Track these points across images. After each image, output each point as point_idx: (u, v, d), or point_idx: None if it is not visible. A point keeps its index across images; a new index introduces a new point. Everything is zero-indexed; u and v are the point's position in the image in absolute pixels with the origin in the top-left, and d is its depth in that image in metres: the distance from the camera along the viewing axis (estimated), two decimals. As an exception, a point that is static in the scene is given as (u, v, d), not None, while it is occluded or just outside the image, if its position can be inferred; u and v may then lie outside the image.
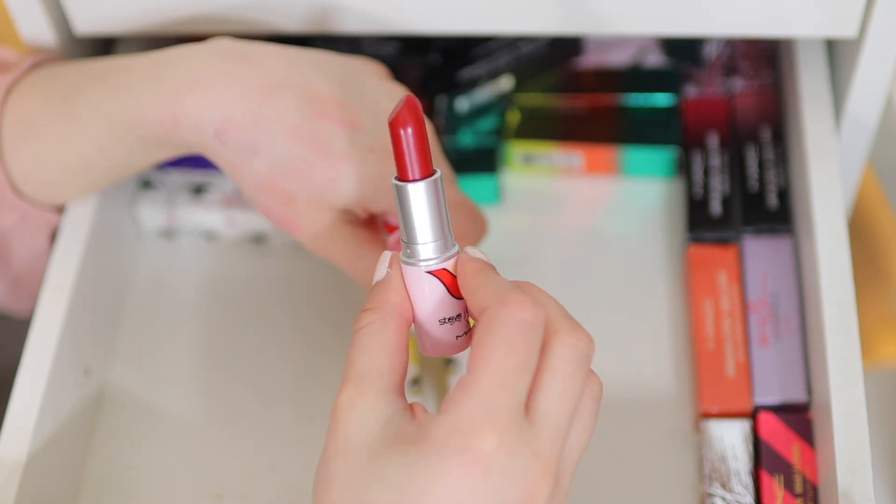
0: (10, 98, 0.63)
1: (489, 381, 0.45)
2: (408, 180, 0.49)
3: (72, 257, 0.67)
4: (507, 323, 0.46)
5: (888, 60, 0.65)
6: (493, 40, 0.75)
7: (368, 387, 0.48)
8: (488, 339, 0.46)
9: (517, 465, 0.45)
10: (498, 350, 0.46)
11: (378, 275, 0.51)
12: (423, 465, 0.45)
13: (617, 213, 0.74)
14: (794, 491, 0.60)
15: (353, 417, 0.47)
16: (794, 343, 0.65)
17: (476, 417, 0.45)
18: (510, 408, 0.45)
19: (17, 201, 0.64)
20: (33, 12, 0.66)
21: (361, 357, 0.49)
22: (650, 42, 0.78)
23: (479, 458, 0.44)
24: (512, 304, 0.46)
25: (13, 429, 0.61)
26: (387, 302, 0.50)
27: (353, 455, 0.47)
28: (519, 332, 0.46)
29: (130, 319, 0.72)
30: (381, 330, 0.49)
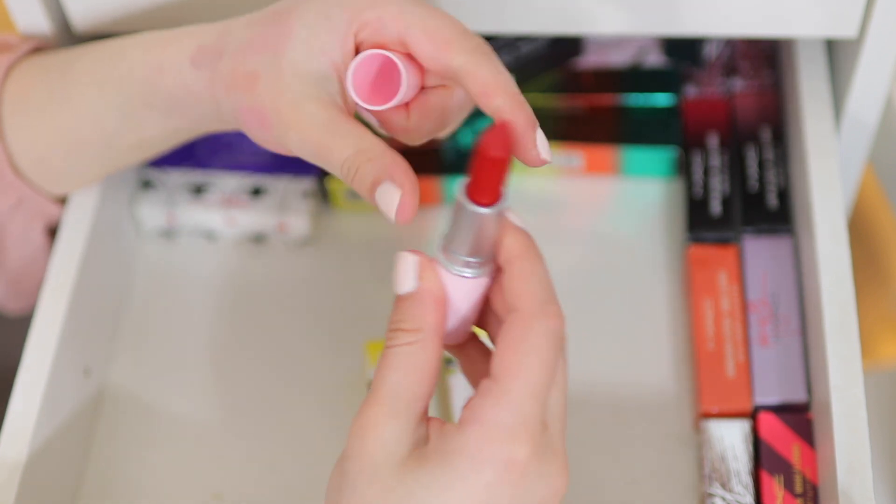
0: (11, 77, 0.63)
1: (523, 391, 0.45)
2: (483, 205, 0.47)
3: (72, 257, 0.67)
4: (543, 335, 0.46)
5: (888, 60, 0.65)
6: (493, 40, 0.75)
7: (400, 412, 0.47)
8: (523, 349, 0.46)
9: (544, 467, 0.46)
10: (532, 361, 0.46)
11: (406, 285, 0.49)
12: (456, 478, 0.45)
13: (617, 213, 0.74)
14: (794, 491, 0.60)
15: (380, 439, 0.46)
16: (794, 343, 0.65)
17: (511, 427, 0.45)
18: (539, 416, 0.46)
19: (15, 181, 0.64)
20: (31, 7, 0.66)
21: (394, 378, 0.47)
22: (650, 42, 0.78)
23: (515, 466, 0.45)
24: (550, 316, 0.47)
25: (13, 429, 0.61)
26: (425, 324, 0.48)
27: (381, 477, 0.46)
28: (552, 346, 0.46)
29: (130, 319, 0.72)
30: (419, 353, 0.47)
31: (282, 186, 0.74)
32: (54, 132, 0.62)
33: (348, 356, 0.69)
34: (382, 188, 0.50)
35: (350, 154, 0.51)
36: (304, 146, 0.53)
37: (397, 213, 0.49)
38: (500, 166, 0.45)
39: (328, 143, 0.52)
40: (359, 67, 0.53)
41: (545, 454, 0.46)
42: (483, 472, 0.45)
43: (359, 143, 0.51)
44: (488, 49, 0.52)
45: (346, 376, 0.68)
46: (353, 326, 0.70)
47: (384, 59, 0.53)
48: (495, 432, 0.45)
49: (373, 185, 0.50)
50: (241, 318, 0.71)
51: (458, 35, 0.52)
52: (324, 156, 0.52)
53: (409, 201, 0.49)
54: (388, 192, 0.50)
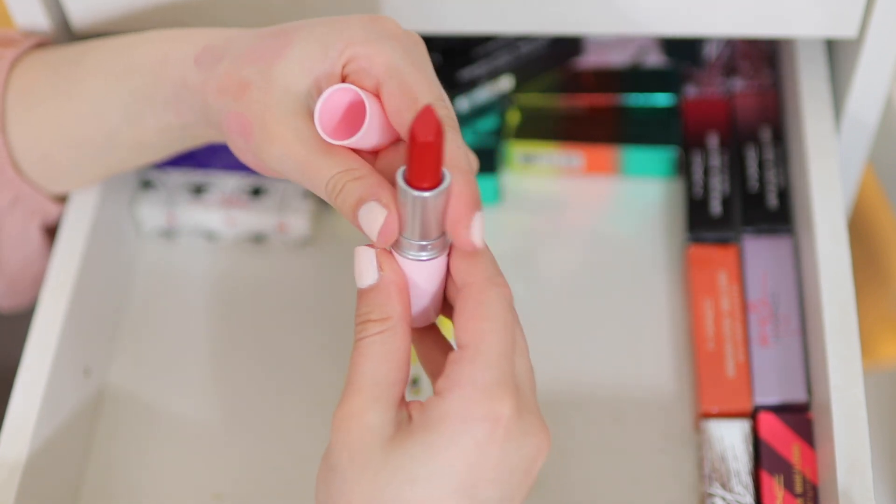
0: (15, 71, 0.63)
1: (493, 351, 0.47)
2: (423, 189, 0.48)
3: (72, 257, 0.67)
4: (498, 300, 0.48)
5: (888, 60, 0.65)
6: (493, 40, 0.75)
7: (379, 398, 0.48)
8: (483, 314, 0.48)
9: (526, 423, 0.47)
10: (495, 325, 0.48)
11: (368, 278, 0.50)
12: (445, 442, 0.46)
13: (617, 213, 0.74)
14: (794, 491, 0.60)
15: (364, 426, 0.47)
16: (794, 343, 0.65)
17: (490, 384, 0.47)
18: (512, 374, 0.48)
19: (15, 178, 0.64)
20: (30, 6, 0.66)
21: (369, 367, 0.48)
22: (650, 42, 0.78)
23: (500, 421, 0.46)
24: (500, 285, 0.49)
25: (13, 429, 0.61)
26: (392, 312, 0.49)
27: (369, 460, 0.47)
28: (507, 307, 0.49)
29: (130, 319, 0.72)
30: (390, 341, 0.49)
31: (282, 186, 0.74)
32: (57, 128, 0.62)
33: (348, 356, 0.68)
34: (367, 206, 0.50)
35: (337, 172, 0.52)
36: (286, 161, 0.53)
37: (380, 232, 0.50)
38: (433, 150, 0.46)
39: (314, 160, 0.52)
40: (331, 100, 0.52)
41: (524, 412, 0.47)
42: (471, 432, 0.46)
43: (346, 161, 0.52)
44: (454, 123, 0.52)
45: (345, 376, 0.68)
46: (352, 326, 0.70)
47: (357, 96, 0.53)
48: (477, 392, 0.46)
49: (357, 203, 0.50)
50: (241, 318, 0.71)
51: (428, 99, 0.52)
52: (308, 172, 0.53)
53: (392, 222, 0.50)
54: (373, 210, 0.50)
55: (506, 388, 0.47)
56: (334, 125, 0.53)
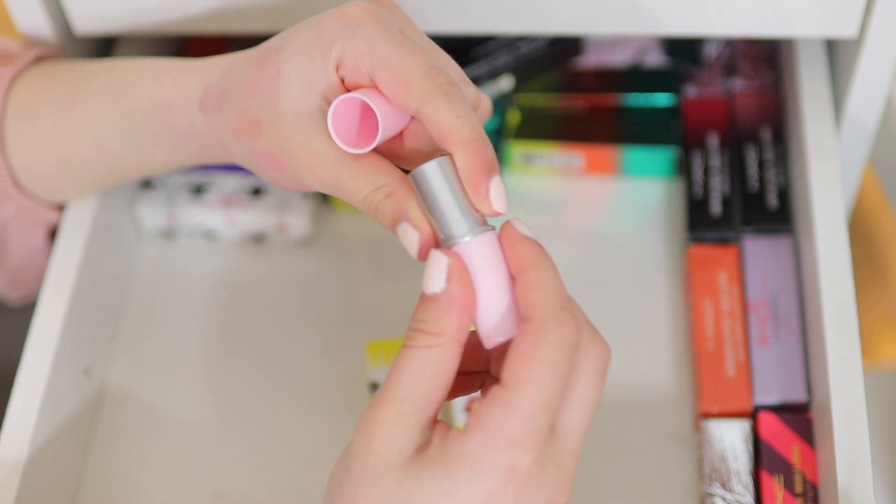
0: (14, 89, 0.63)
1: (532, 401, 0.45)
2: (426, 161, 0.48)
3: (72, 257, 0.67)
4: (556, 344, 0.46)
5: (888, 60, 0.65)
6: (493, 40, 0.75)
7: (409, 415, 0.46)
8: (535, 357, 0.46)
9: (545, 477, 0.46)
10: (544, 371, 0.45)
11: (434, 285, 0.47)
12: (458, 483, 0.45)
13: (617, 213, 0.74)
14: (794, 491, 0.60)
15: (386, 440, 0.46)
16: (794, 343, 0.65)
17: (516, 435, 0.45)
18: (546, 426, 0.46)
19: (16, 193, 0.64)
20: (33, 11, 0.66)
21: (408, 380, 0.47)
22: (650, 42, 0.78)
23: (517, 474, 0.45)
24: (564, 324, 0.46)
25: (13, 429, 0.61)
26: (448, 328, 0.47)
27: (383, 478, 0.46)
28: (566, 355, 0.46)
29: (130, 319, 0.72)
30: (438, 358, 0.47)
31: (282, 186, 0.74)
32: (57, 149, 0.62)
33: (348, 356, 0.69)
34: (402, 227, 0.50)
35: (368, 192, 0.51)
36: (323, 185, 0.53)
37: (418, 253, 0.49)
38: None
39: (344, 181, 0.52)
40: (338, 111, 0.52)
41: (548, 466, 0.46)
42: (485, 480, 0.45)
43: (374, 178, 0.51)
44: (449, 88, 0.50)
45: (345, 376, 0.68)
46: (353, 326, 0.70)
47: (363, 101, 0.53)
48: (500, 440, 0.45)
49: (393, 222, 0.50)
50: (241, 318, 0.71)
51: (418, 76, 0.50)
52: (343, 193, 0.52)
53: (426, 241, 0.49)
54: (407, 232, 0.50)
55: (532, 440, 0.45)
56: (354, 130, 0.53)
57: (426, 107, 0.50)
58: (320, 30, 0.53)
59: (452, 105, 0.50)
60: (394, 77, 0.51)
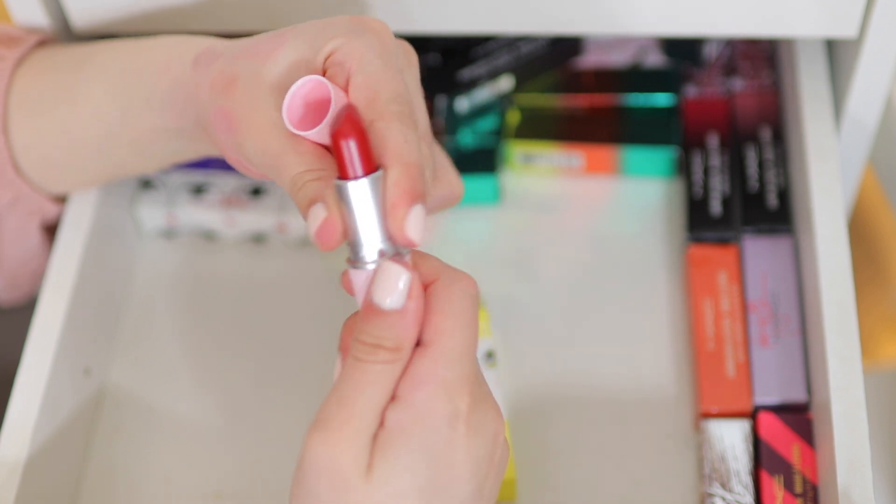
0: (19, 72, 0.63)
1: (457, 349, 0.48)
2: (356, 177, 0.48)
3: (72, 257, 0.67)
4: (464, 296, 0.49)
5: (888, 60, 0.65)
6: (493, 40, 0.76)
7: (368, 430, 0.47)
8: (448, 311, 0.48)
9: (482, 413, 0.49)
10: (459, 322, 0.48)
11: (393, 300, 0.48)
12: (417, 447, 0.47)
13: (617, 213, 0.74)
14: (794, 491, 0.60)
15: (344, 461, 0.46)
16: (794, 343, 0.65)
17: (452, 382, 0.47)
18: (474, 368, 0.49)
19: (15, 178, 0.64)
20: (30, 6, 0.66)
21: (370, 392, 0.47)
22: (650, 42, 0.78)
23: (460, 416, 0.47)
24: (463, 278, 0.49)
25: (13, 429, 0.61)
26: (408, 345, 0.48)
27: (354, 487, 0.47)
28: (473, 305, 0.49)
29: (130, 319, 0.72)
30: (396, 372, 0.48)
31: (282, 186, 0.74)
32: (58, 130, 0.62)
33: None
34: (315, 206, 0.49)
35: (300, 170, 0.51)
36: (262, 157, 0.53)
37: (316, 232, 0.49)
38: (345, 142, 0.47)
39: (284, 156, 0.51)
40: (305, 92, 0.52)
41: (480, 401, 0.49)
42: (437, 432, 0.47)
43: (312, 161, 0.51)
44: (409, 119, 0.50)
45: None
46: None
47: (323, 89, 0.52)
48: (439, 390, 0.47)
49: (310, 202, 0.49)
50: (241, 318, 0.71)
51: (387, 95, 0.51)
52: (277, 168, 0.52)
53: (331, 223, 0.48)
54: (318, 211, 0.49)
55: (467, 382, 0.48)
56: (303, 117, 0.53)
57: (381, 121, 0.50)
58: (331, 24, 0.54)
59: (406, 131, 0.50)
60: (367, 87, 0.51)
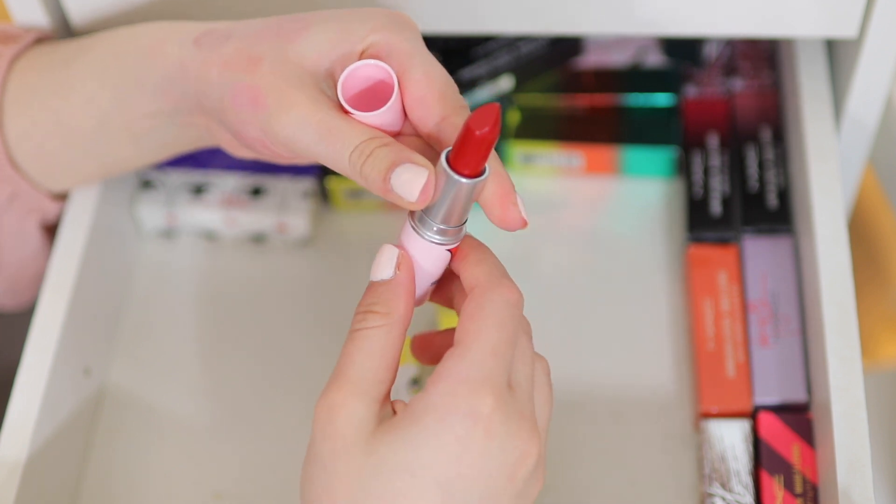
0: (15, 67, 0.64)
1: (482, 350, 0.47)
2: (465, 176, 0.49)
3: (72, 257, 0.67)
4: (497, 301, 0.49)
5: (888, 60, 0.65)
6: (493, 40, 0.76)
7: (365, 392, 0.48)
8: (479, 314, 0.48)
9: (512, 425, 0.47)
10: (490, 324, 0.48)
11: (383, 272, 0.51)
12: (427, 435, 0.46)
13: (617, 213, 0.74)
14: (794, 491, 0.60)
15: (349, 418, 0.47)
16: (794, 343, 0.65)
17: (473, 380, 0.47)
18: (502, 375, 0.48)
19: (12, 174, 0.64)
20: (29, 4, 0.66)
21: (361, 360, 0.49)
22: (650, 42, 0.78)
23: (480, 417, 0.46)
24: (505, 287, 0.49)
25: (13, 429, 0.61)
26: (396, 309, 0.50)
27: (352, 453, 0.47)
28: (510, 312, 0.49)
29: (130, 319, 0.72)
30: (386, 337, 0.49)
31: (282, 186, 0.74)
32: (52, 121, 0.62)
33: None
34: (402, 168, 0.49)
35: (364, 139, 0.51)
36: (304, 127, 0.52)
37: (422, 192, 0.49)
38: (486, 143, 0.47)
39: (336, 124, 0.51)
40: (354, 76, 0.52)
41: (511, 414, 0.47)
42: (450, 427, 0.46)
43: (370, 131, 0.51)
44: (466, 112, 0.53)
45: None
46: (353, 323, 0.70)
47: (378, 75, 0.53)
48: (457, 386, 0.47)
49: (390, 167, 0.50)
50: (241, 318, 0.71)
51: (453, 91, 0.53)
52: (331, 137, 0.51)
53: (431, 184, 0.49)
54: (409, 171, 0.49)
55: (490, 385, 0.47)
56: (355, 98, 0.53)
57: (457, 118, 0.52)
58: (368, 15, 0.54)
59: None
60: (432, 82, 0.52)
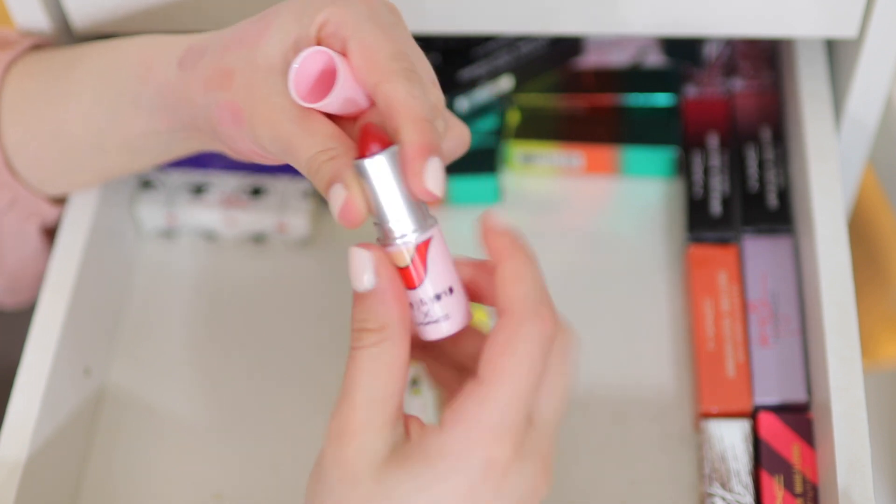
0: (10, 74, 0.63)
1: (509, 394, 0.46)
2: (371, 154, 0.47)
3: (72, 257, 0.67)
4: (533, 338, 0.46)
5: (888, 60, 0.65)
6: (493, 40, 0.76)
7: (377, 416, 0.47)
8: (510, 352, 0.46)
9: (527, 469, 0.46)
10: (521, 365, 0.46)
11: (364, 283, 0.48)
12: (437, 479, 0.45)
13: (617, 213, 0.74)
14: (794, 491, 0.60)
15: (359, 446, 0.46)
16: (794, 343, 0.65)
17: (494, 429, 0.45)
18: (524, 419, 0.46)
19: (11, 180, 0.64)
20: (31, 8, 0.66)
21: (365, 380, 0.47)
22: (650, 42, 0.78)
23: (496, 467, 0.45)
24: (541, 320, 0.46)
25: (13, 429, 0.61)
26: (389, 321, 0.48)
27: (361, 482, 0.46)
28: (543, 349, 0.46)
29: (130, 319, 0.72)
30: (387, 352, 0.47)
31: (282, 186, 0.74)
32: (48, 131, 0.62)
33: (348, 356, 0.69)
34: (334, 188, 0.48)
35: (315, 152, 0.50)
36: (275, 142, 0.52)
37: (339, 212, 0.48)
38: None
39: (297, 139, 0.51)
40: (308, 65, 0.52)
41: (527, 455, 0.46)
42: (464, 474, 0.45)
43: (324, 140, 0.50)
44: (411, 74, 0.50)
45: (346, 376, 0.68)
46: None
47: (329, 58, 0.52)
48: (478, 433, 0.45)
49: (329, 182, 0.49)
50: (241, 318, 0.71)
51: (385, 55, 0.50)
52: (291, 152, 0.51)
53: (353, 202, 0.48)
54: (338, 192, 0.48)
55: (510, 431, 0.46)
56: (310, 90, 0.52)
57: (386, 83, 0.49)
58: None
59: (410, 87, 0.49)
60: (364, 51, 0.50)
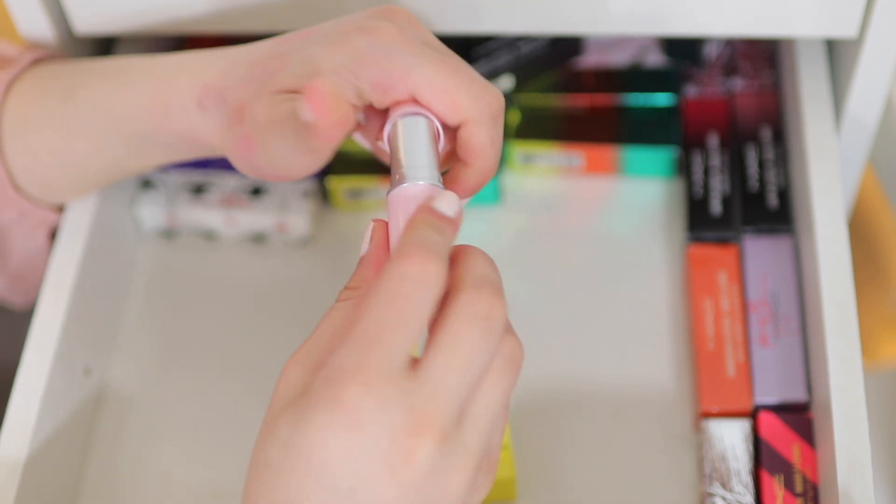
0: (11, 94, 0.63)
1: (362, 333, 0.44)
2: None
3: (72, 257, 0.67)
4: (391, 277, 0.45)
5: (888, 60, 0.65)
6: (493, 40, 0.75)
7: (312, 358, 0.47)
8: (370, 291, 0.45)
9: (388, 418, 0.43)
10: (376, 304, 0.44)
11: (363, 247, 0.52)
12: (302, 420, 0.44)
13: (617, 213, 0.74)
14: (795, 490, 0.60)
15: (284, 381, 0.47)
16: (794, 343, 0.65)
17: (344, 368, 0.44)
18: (380, 360, 0.44)
19: (17, 198, 0.64)
20: (33, 11, 0.66)
21: (322, 331, 0.48)
22: (650, 42, 0.78)
23: (344, 408, 0.43)
24: (401, 258, 0.45)
25: (13, 429, 0.61)
26: (364, 281, 0.50)
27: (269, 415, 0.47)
28: (400, 286, 0.44)
29: (130, 319, 0.72)
30: (349, 308, 0.49)
31: (282, 186, 0.74)
32: (56, 155, 0.62)
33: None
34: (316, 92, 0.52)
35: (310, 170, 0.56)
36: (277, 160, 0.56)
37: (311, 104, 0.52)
38: None
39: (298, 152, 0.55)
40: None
41: (388, 403, 0.44)
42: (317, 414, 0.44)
43: None
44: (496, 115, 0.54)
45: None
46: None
47: None
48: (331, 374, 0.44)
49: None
50: (241, 317, 0.71)
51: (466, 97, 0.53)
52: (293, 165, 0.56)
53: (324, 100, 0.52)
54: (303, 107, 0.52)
55: (359, 373, 0.44)
56: None
57: (473, 125, 0.53)
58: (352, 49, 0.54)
59: (494, 131, 0.54)
60: (442, 96, 0.53)
